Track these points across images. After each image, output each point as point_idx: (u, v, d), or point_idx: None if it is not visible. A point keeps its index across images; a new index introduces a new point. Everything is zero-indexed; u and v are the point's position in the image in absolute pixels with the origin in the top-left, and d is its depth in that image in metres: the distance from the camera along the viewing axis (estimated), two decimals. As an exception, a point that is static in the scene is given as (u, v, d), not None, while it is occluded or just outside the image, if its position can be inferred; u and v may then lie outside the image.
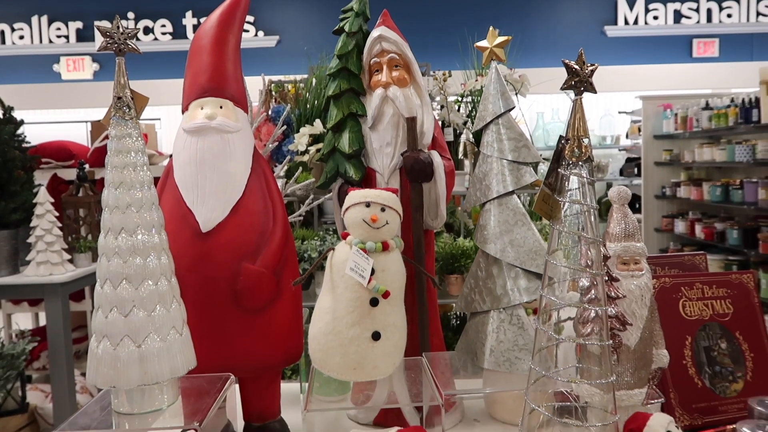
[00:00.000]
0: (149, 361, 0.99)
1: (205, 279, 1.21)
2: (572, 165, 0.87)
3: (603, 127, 7.74)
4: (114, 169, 1.01)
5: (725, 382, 1.34)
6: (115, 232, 1.00)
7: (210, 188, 1.22)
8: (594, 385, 1.00)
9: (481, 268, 1.27)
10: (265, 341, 1.25)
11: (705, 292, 1.39)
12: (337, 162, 1.47)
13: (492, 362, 1.22)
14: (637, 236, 1.09)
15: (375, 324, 1.13)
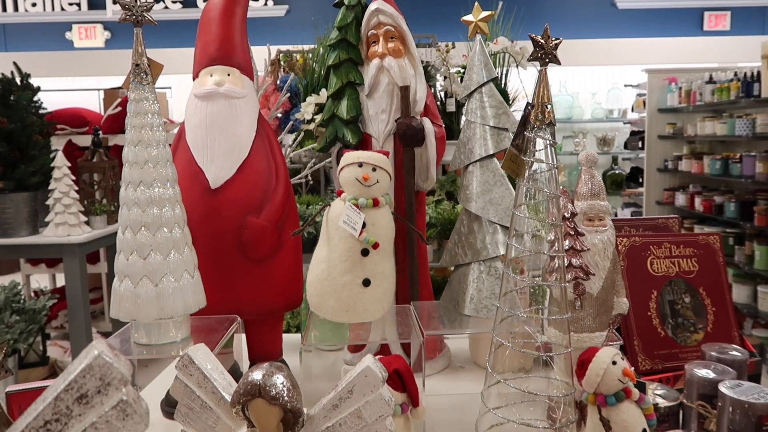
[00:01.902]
0: (165, 299, 1.13)
1: (214, 231, 1.35)
2: (537, 128, 0.98)
3: (610, 100, 7.75)
4: (133, 129, 1.13)
5: (687, 333, 1.46)
6: (135, 185, 1.13)
7: (218, 149, 1.34)
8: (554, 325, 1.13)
9: (464, 225, 1.40)
10: (267, 288, 1.38)
11: (672, 251, 1.51)
12: (336, 127, 1.59)
13: (472, 309, 1.35)
14: (602, 195, 1.21)
15: (366, 272, 1.26)
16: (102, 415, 0.45)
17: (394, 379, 0.97)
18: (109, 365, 0.45)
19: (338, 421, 0.73)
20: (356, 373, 0.74)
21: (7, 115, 3.14)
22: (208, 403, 0.75)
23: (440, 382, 1.57)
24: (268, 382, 0.70)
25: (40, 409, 0.45)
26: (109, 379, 0.45)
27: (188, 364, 0.75)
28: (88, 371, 0.45)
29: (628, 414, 0.98)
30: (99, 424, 0.45)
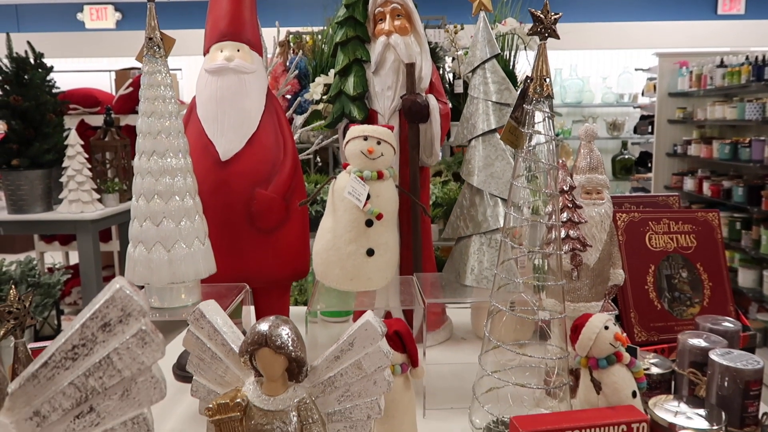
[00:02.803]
0: (177, 264, 1.18)
1: (223, 202, 1.39)
2: (535, 101, 1.02)
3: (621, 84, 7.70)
4: (146, 101, 1.18)
5: (683, 306, 1.50)
6: (148, 155, 1.18)
7: (228, 122, 1.39)
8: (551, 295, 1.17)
9: (466, 198, 1.44)
10: (275, 257, 1.43)
11: (671, 227, 1.54)
12: (342, 104, 1.62)
13: (472, 280, 1.39)
14: (600, 169, 1.24)
15: (369, 242, 1.30)
16: (123, 342, 0.50)
17: (394, 340, 1.01)
18: (129, 297, 0.50)
19: (339, 372, 0.78)
20: (357, 327, 0.79)
21: (22, 94, 3.19)
22: (218, 354, 0.80)
23: (442, 352, 1.62)
24: (274, 333, 0.74)
25: (69, 335, 0.50)
26: (130, 310, 0.50)
27: (199, 318, 0.80)
28: (111, 302, 0.50)
29: (618, 376, 1.02)
30: (121, 350, 0.50)
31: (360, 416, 0.79)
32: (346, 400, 0.78)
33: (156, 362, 0.52)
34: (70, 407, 0.50)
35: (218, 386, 0.81)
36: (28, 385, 0.50)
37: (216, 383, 0.81)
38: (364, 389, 0.78)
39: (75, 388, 0.50)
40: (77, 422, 0.51)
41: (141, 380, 0.52)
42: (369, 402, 0.78)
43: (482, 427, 1.10)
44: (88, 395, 0.50)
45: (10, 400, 0.49)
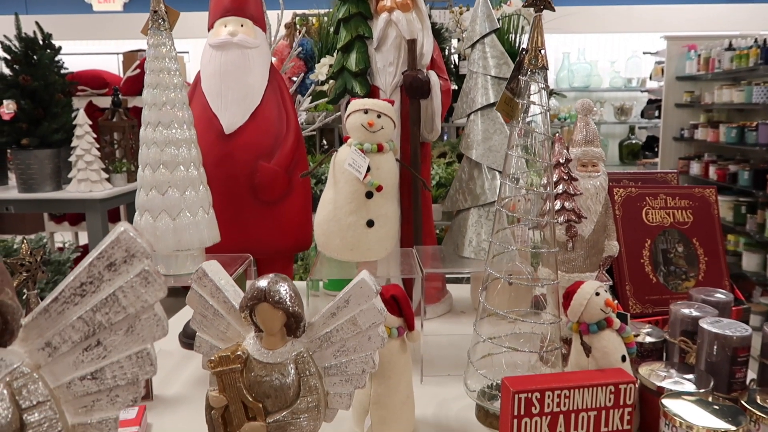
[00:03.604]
0: (182, 232, 1.22)
1: (227, 174, 1.43)
2: (530, 72, 1.04)
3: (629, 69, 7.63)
4: (151, 73, 1.21)
5: (678, 280, 1.53)
6: (153, 126, 1.21)
7: (232, 96, 1.42)
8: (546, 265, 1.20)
9: (465, 172, 1.46)
10: (278, 229, 1.47)
11: (668, 202, 1.56)
12: (345, 80, 1.65)
13: (470, 252, 1.42)
14: (595, 142, 1.26)
15: (369, 213, 1.33)
16: (128, 281, 0.54)
17: (391, 304, 1.05)
18: (133, 239, 0.53)
19: (336, 328, 0.82)
20: (352, 285, 0.82)
21: (30, 74, 3.23)
22: (220, 311, 0.84)
23: (441, 324, 1.66)
24: (273, 289, 0.78)
25: (77, 273, 0.53)
26: (134, 251, 0.53)
27: (202, 277, 0.84)
28: (116, 243, 0.53)
29: (608, 341, 1.05)
30: (125, 289, 0.54)
31: (355, 370, 0.82)
32: (341, 354, 0.82)
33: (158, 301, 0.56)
34: (79, 340, 0.54)
35: (220, 342, 0.85)
36: (40, 318, 0.54)
37: (218, 339, 0.85)
38: (359, 344, 0.82)
39: (83, 323, 0.54)
40: (85, 354, 0.54)
41: (144, 317, 0.55)
42: (364, 357, 0.82)
43: (476, 390, 1.14)
44: (96, 330, 0.54)
45: (24, 332, 0.53)
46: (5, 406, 0.49)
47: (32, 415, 0.50)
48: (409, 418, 1.09)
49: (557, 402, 0.96)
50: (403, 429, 1.07)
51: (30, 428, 0.50)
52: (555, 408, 0.97)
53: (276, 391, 0.79)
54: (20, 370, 0.51)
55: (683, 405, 0.97)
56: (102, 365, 0.54)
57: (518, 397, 0.95)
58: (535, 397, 0.96)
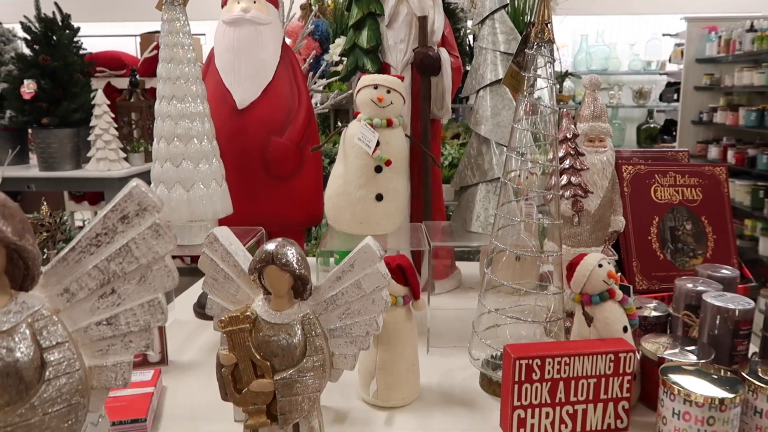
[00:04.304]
0: (195, 204, 1.26)
1: (240, 149, 1.46)
2: (537, 46, 1.05)
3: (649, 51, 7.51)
4: (166, 47, 1.24)
5: (685, 257, 1.53)
6: (168, 99, 1.24)
7: (245, 72, 1.44)
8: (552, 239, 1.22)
9: (473, 148, 1.48)
10: (289, 203, 1.50)
11: (677, 180, 1.57)
12: (356, 57, 1.66)
13: (478, 226, 1.44)
14: (603, 118, 1.27)
15: (379, 187, 1.35)
16: (140, 233, 0.57)
17: (397, 273, 1.07)
18: (144, 194, 0.57)
19: (341, 291, 0.84)
20: (357, 250, 0.85)
21: (50, 54, 3.28)
22: (230, 274, 0.87)
23: (449, 299, 1.68)
24: (280, 252, 0.81)
25: (93, 225, 0.57)
26: (145, 205, 0.57)
27: (213, 241, 0.87)
28: (129, 197, 0.56)
29: (610, 312, 1.07)
30: (138, 240, 0.57)
31: (359, 332, 0.85)
32: (346, 317, 0.85)
33: (169, 253, 0.59)
34: (95, 287, 0.57)
35: (230, 304, 0.88)
36: (59, 266, 0.57)
37: (228, 301, 0.88)
38: (364, 307, 0.84)
39: (99, 271, 0.57)
40: (101, 301, 0.58)
41: (156, 268, 0.59)
42: (368, 319, 0.85)
43: (480, 358, 1.17)
44: (110, 278, 0.57)
45: (44, 278, 0.57)
46: (27, 345, 0.53)
47: (52, 354, 0.54)
48: (413, 384, 1.13)
49: (557, 369, 0.99)
50: (407, 395, 1.11)
51: (50, 366, 0.54)
52: (555, 375, 0.99)
53: (283, 351, 0.82)
54: (41, 313, 0.55)
55: (683, 374, 0.98)
56: (116, 312, 0.58)
57: (519, 363, 0.98)
58: (536, 364, 0.98)
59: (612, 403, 1.01)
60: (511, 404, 0.99)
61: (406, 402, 1.10)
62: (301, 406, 0.82)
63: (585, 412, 1.01)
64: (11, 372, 0.52)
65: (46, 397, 0.53)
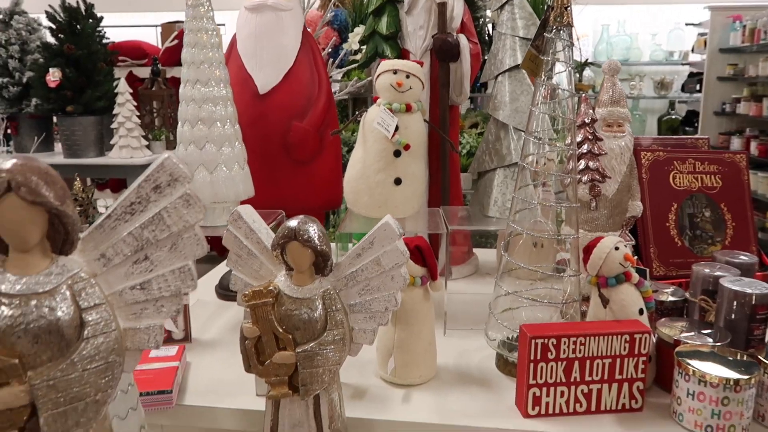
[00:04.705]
0: (218, 186, 1.29)
1: (261, 134, 1.49)
2: (555, 30, 1.06)
3: (671, 41, 7.39)
4: (190, 32, 1.26)
5: (704, 244, 1.53)
6: (192, 83, 1.27)
7: (266, 57, 1.47)
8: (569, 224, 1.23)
9: (491, 133, 1.49)
10: (309, 187, 1.53)
11: (696, 167, 1.56)
12: (376, 43, 1.68)
13: (495, 211, 1.46)
14: (622, 103, 1.27)
15: (397, 171, 1.37)
16: (171, 203, 0.60)
17: (415, 254, 1.09)
18: (176, 165, 0.59)
19: (360, 267, 0.87)
20: (377, 228, 0.87)
21: (74, 43, 3.34)
22: (254, 251, 0.89)
23: (466, 284, 1.70)
24: (302, 228, 0.83)
25: (127, 194, 0.60)
26: (177, 176, 0.59)
27: (237, 219, 0.90)
28: (161, 168, 0.59)
29: (626, 294, 1.08)
30: (169, 209, 0.60)
31: (378, 308, 0.87)
32: (366, 293, 0.87)
33: (198, 222, 0.62)
34: (129, 253, 0.60)
35: (253, 280, 0.91)
36: (96, 232, 0.60)
37: (251, 277, 0.91)
38: (383, 284, 0.87)
39: (133, 238, 0.60)
40: (135, 267, 0.61)
41: (186, 236, 0.61)
42: (387, 295, 0.87)
43: (497, 339, 1.18)
44: (144, 245, 0.60)
45: (82, 244, 0.60)
46: (68, 305, 0.56)
47: (90, 314, 0.57)
48: (430, 363, 1.15)
49: (573, 348, 1.00)
50: (424, 373, 1.13)
51: (89, 326, 0.57)
52: (571, 354, 1.00)
53: (304, 324, 0.84)
54: (80, 276, 0.58)
55: (698, 356, 0.99)
56: (149, 278, 0.61)
57: (535, 343, 0.99)
58: (552, 343, 1.00)
59: (627, 383, 1.03)
60: (527, 382, 1.00)
61: (423, 380, 1.13)
62: (322, 378, 0.85)
63: (600, 391, 1.02)
64: (53, 329, 0.55)
65: (85, 354, 0.56)
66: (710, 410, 0.95)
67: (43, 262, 0.58)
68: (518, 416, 1.02)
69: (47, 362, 0.56)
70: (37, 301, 0.56)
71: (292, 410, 0.88)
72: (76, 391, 0.56)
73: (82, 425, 0.56)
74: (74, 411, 0.56)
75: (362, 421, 1.01)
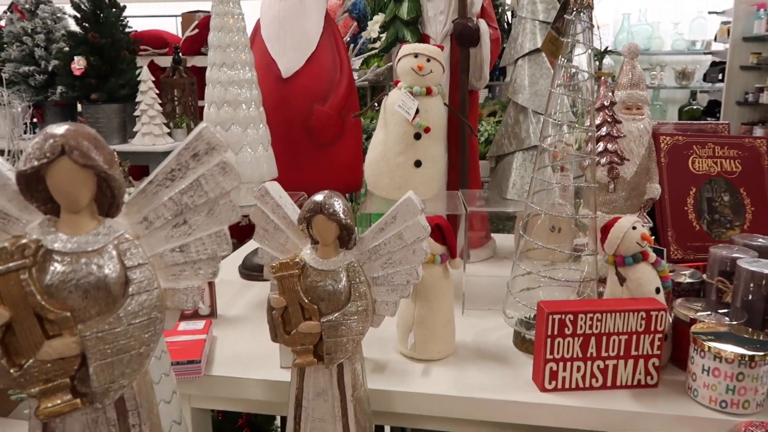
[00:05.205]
0: (243, 167, 1.32)
1: (284, 117, 1.52)
2: (576, 12, 1.07)
3: (693, 30, 7.29)
4: (217, 16, 1.30)
5: (722, 229, 1.54)
6: (218, 66, 1.30)
7: (289, 42, 1.50)
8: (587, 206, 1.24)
9: (511, 116, 1.51)
10: (330, 170, 1.56)
11: (716, 151, 1.57)
12: (396, 29, 1.70)
13: (514, 194, 1.48)
14: (641, 86, 1.28)
15: (417, 154, 1.40)
16: (209, 170, 0.63)
17: (435, 232, 1.12)
18: (213, 134, 0.63)
19: (383, 241, 0.90)
20: (399, 203, 0.90)
21: (98, 31, 3.40)
22: (280, 225, 0.93)
23: (483, 267, 1.72)
24: (328, 202, 0.86)
25: (168, 161, 0.63)
26: (214, 144, 0.63)
27: (264, 195, 0.93)
28: (199, 137, 0.63)
29: (643, 273, 1.10)
30: (207, 176, 0.63)
31: (400, 281, 0.90)
32: (388, 266, 0.90)
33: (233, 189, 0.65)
34: (169, 217, 0.64)
35: (280, 253, 0.94)
36: (139, 197, 0.64)
37: (278, 251, 0.94)
38: (405, 257, 0.90)
39: (173, 203, 0.64)
40: (175, 230, 0.64)
41: (222, 202, 0.65)
42: (408, 269, 0.90)
43: (514, 317, 1.21)
44: (183, 210, 0.64)
45: (126, 208, 0.64)
46: (114, 263, 0.60)
47: (134, 273, 0.61)
48: (449, 339, 1.18)
49: (589, 324, 1.02)
50: (443, 349, 1.16)
51: (133, 283, 0.61)
52: (587, 330, 1.03)
53: (329, 295, 0.88)
54: (125, 236, 0.62)
55: (714, 333, 1.01)
56: (188, 241, 0.65)
57: (552, 318, 1.02)
58: (569, 319, 1.02)
59: (642, 359, 1.05)
60: (544, 357, 1.03)
61: (442, 355, 1.16)
62: (346, 347, 0.88)
63: (616, 367, 1.04)
64: (101, 285, 0.59)
65: (129, 309, 0.60)
66: (725, 386, 0.97)
67: (91, 223, 0.61)
68: (535, 390, 1.05)
69: (95, 316, 0.60)
70: (86, 258, 0.60)
71: (317, 379, 0.91)
72: (122, 344, 0.60)
73: (127, 376, 0.60)
74: (120, 362, 0.60)
75: (383, 393, 1.05)
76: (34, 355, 0.58)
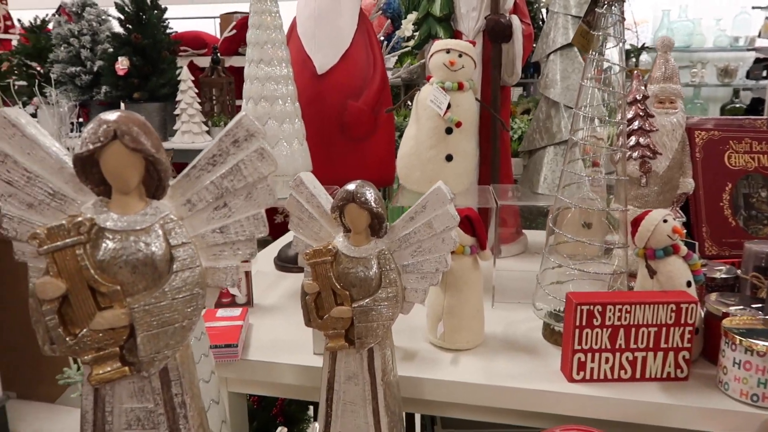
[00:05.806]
0: (279, 160, 1.35)
1: (319, 113, 1.56)
2: (607, 5, 1.08)
3: (737, 26, 7.10)
4: (255, 14, 1.34)
5: (759, 225, 1.51)
6: (256, 63, 1.35)
7: (324, 39, 1.53)
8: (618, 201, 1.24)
9: (542, 111, 1.51)
10: (363, 165, 1.59)
11: (753, 146, 1.54)
12: (429, 25, 1.72)
13: (545, 188, 1.48)
14: (674, 79, 1.28)
15: (448, 148, 1.42)
16: (247, 155, 0.67)
17: (465, 224, 1.14)
18: (252, 121, 0.66)
19: (413, 230, 0.92)
20: (429, 192, 0.92)
21: (141, 32, 3.52)
22: (314, 214, 0.96)
23: (515, 262, 1.73)
24: (360, 191, 0.89)
25: (210, 147, 0.68)
26: (253, 131, 0.67)
27: (300, 184, 0.97)
28: (239, 124, 0.67)
29: (674, 266, 1.09)
30: (246, 161, 0.67)
31: (430, 269, 0.93)
32: (418, 254, 0.93)
33: (271, 174, 0.69)
34: (211, 200, 0.68)
35: (313, 241, 0.97)
36: (183, 180, 0.68)
37: (312, 239, 0.98)
38: (434, 246, 0.92)
39: (214, 186, 0.68)
40: (215, 213, 0.69)
41: (260, 186, 0.69)
42: (438, 257, 0.92)
43: (543, 309, 1.22)
44: (223, 193, 0.68)
45: (171, 190, 0.68)
46: (160, 242, 0.64)
47: (178, 251, 0.65)
48: (478, 329, 1.20)
49: (618, 316, 1.03)
50: (472, 338, 1.18)
51: (177, 261, 0.65)
52: (616, 321, 1.03)
53: (360, 282, 0.91)
54: (170, 217, 0.67)
55: (746, 327, 1.00)
56: (227, 223, 0.69)
57: (581, 309, 1.02)
58: (597, 310, 1.03)
59: (672, 352, 1.04)
60: (572, 348, 1.04)
61: (470, 345, 1.18)
62: (376, 332, 0.91)
63: (645, 359, 1.05)
64: (148, 262, 0.64)
65: (174, 285, 0.64)
66: (756, 379, 0.96)
67: (139, 204, 0.66)
68: (563, 380, 1.06)
69: (143, 290, 0.64)
70: (135, 237, 0.64)
71: (348, 363, 0.95)
72: (167, 317, 0.64)
73: (171, 347, 0.65)
74: (165, 334, 0.64)
75: (412, 380, 1.07)
76: (88, 325, 0.63)
